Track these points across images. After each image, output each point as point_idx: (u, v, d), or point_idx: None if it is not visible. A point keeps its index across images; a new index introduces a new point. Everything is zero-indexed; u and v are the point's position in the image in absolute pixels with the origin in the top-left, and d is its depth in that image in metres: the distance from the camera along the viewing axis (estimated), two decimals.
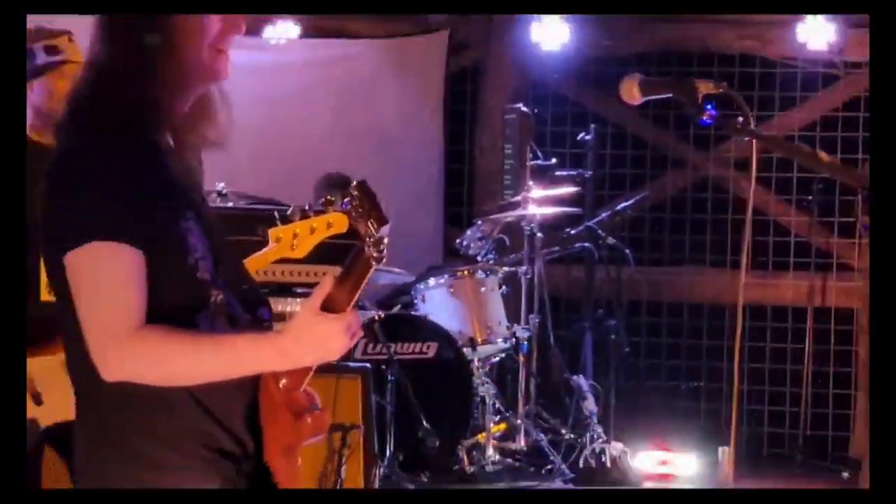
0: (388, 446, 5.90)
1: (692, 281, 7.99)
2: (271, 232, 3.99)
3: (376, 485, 5.28)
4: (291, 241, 3.95)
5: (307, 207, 4.60)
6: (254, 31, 7.27)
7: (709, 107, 2.75)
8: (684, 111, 2.74)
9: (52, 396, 3.34)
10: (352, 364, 5.26)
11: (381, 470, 5.55)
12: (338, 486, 5.05)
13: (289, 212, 4.42)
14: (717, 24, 7.74)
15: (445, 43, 8.01)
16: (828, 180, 7.23)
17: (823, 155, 3.10)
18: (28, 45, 4.13)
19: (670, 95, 2.86)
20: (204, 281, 2.38)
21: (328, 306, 2.29)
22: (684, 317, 8.03)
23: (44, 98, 4.11)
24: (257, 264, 4.10)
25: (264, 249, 4.05)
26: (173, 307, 2.35)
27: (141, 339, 2.29)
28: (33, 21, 3.08)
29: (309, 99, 7.73)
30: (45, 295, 3.63)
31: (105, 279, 2.29)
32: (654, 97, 2.87)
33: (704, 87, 2.75)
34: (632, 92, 2.86)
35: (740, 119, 2.75)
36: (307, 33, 7.65)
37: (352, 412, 5.10)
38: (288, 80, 7.61)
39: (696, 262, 8.02)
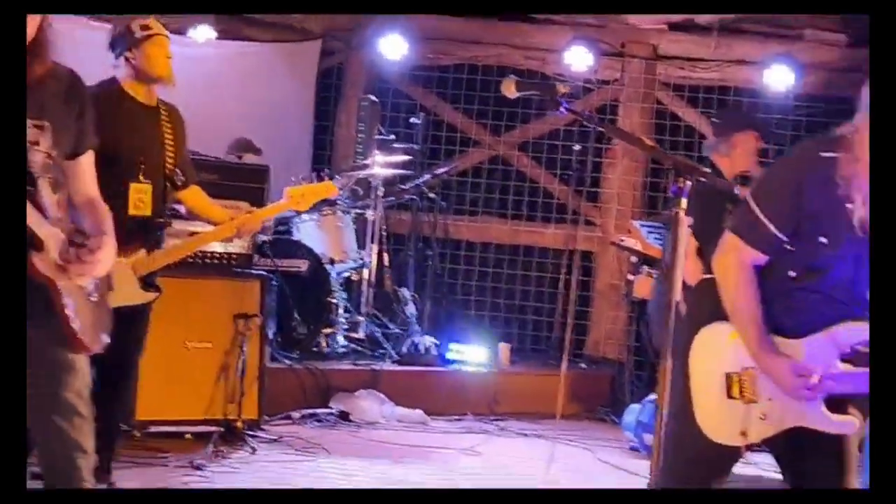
0: (270, 331, 6.36)
1: (482, 227, 8.78)
2: (287, 189, 4.94)
3: (267, 357, 5.87)
4: (299, 198, 4.92)
5: (314, 176, 5.56)
6: (181, 31, 7.77)
7: (564, 103, 2.93)
8: (545, 106, 2.95)
9: (119, 286, 3.41)
10: (253, 271, 5.91)
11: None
12: (241, 359, 5.57)
13: (300, 177, 5.48)
14: (510, 48, 8.62)
15: (318, 49, 8.75)
16: (583, 162, 8.08)
17: (647, 140, 3.49)
18: (128, 25, 4.55)
19: (538, 92, 3.08)
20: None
21: None
22: (477, 251, 8.77)
23: (142, 60, 4.55)
24: (272, 211, 5.12)
25: (279, 201, 5.00)
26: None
27: None
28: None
29: (221, 83, 8.19)
30: (132, 210, 4.47)
31: None
32: (525, 93, 3.05)
33: (563, 88, 2.92)
34: (511, 88, 3.03)
35: (586, 112, 3.21)
36: (221, 35, 8.19)
37: (252, 306, 5.75)
38: (206, 67, 7.98)
39: (487, 214, 8.80)
